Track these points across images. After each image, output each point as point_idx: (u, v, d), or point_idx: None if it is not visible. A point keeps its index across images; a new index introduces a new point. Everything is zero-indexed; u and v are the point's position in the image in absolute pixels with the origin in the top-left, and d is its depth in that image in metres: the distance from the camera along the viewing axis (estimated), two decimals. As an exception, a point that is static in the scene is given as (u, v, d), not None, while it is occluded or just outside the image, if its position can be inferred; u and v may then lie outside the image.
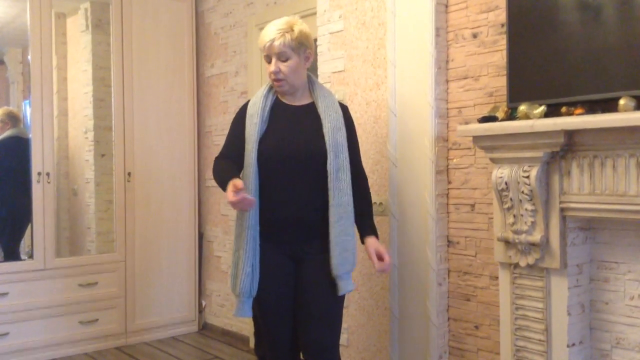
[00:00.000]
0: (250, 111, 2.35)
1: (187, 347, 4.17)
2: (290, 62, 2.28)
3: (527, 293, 2.28)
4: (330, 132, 2.29)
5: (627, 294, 2.15)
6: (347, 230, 2.29)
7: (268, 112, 2.33)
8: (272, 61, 2.28)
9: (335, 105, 2.38)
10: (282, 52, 2.25)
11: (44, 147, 3.89)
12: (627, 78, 1.98)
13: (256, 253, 2.28)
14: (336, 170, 2.28)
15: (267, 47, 2.27)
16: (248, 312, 2.32)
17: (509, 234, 2.28)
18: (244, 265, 2.26)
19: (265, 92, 2.38)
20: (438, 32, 2.66)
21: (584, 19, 2.10)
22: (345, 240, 2.28)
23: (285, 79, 2.29)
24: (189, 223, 4.51)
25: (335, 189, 2.27)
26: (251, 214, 2.27)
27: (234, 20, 4.28)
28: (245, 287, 2.27)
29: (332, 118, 2.32)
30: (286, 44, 2.24)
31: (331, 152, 2.28)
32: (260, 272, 2.29)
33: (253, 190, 2.27)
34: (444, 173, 2.69)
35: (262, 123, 2.30)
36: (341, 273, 2.28)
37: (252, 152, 2.28)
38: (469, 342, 2.66)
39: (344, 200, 2.28)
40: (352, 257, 2.31)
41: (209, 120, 4.54)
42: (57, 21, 4.26)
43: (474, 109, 2.59)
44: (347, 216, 2.29)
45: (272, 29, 2.27)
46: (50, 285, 3.92)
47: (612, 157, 2.02)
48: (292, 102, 2.39)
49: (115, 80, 4.19)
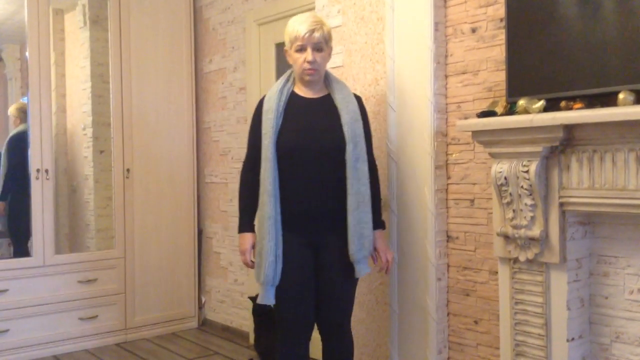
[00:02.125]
0: (265, 107, 2.44)
1: (186, 343, 4.18)
2: (324, 53, 2.43)
3: (527, 288, 2.28)
4: (349, 123, 2.41)
5: (627, 288, 2.15)
6: (365, 217, 2.41)
7: (283, 106, 2.43)
8: (307, 51, 2.38)
9: (352, 96, 2.49)
10: (319, 43, 2.39)
11: (42, 143, 3.88)
12: (626, 72, 1.98)
13: (278, 243, 2.39)
14: (355, 160, 2.39)
15: (305, 37, 2.37)
16: (272, 300, 2.43)
17: (508, 229, 2.28)
18: (267, 255, 2.38)
19: (280, 87, 2.47)
20: (437, 27, 2.65)
21: (583, 13, 2.09)
22: (363, 227, 2.40)
23: (318, 69, 2.42)
24: (189, 219, 4.51)
25: (354, 178, 2.38)
26: (270, 205, 2.37)
27: (232, 15, 4.27)
28: (268, 275, 2.38)
29: (350, 109, 2.44)
30: (323, 36, 2.40)
31: (350, 142, 2.39)
32: (283, 261, 2.41)
33: (271, 184, 2.37)
34: (443, 168, 2.69)
35: (277, 117, 2.40)
36: (359, 257, 2.41)
37: (269, 147, 2.38)
38: (468, 337, 2.66)
39: (362, 189, 2.40)
40: (369, 243, 2.43)
41: (207, 116, 4.53)
42: (54, 17, 4.24)
43: (473, 104, 2.58)
44: (364, 204, 2.40)
45: (309, 21, 2.40)
46: (49, 282, 3.92)
47: (611, 151, 2.02)
48: (309, 95, 2.49)
49: (114, 77, 4.18)
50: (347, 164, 2.38)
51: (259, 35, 4.06)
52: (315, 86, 2.48)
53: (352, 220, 2.38)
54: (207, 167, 4.55)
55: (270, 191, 2.37)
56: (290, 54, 2.46)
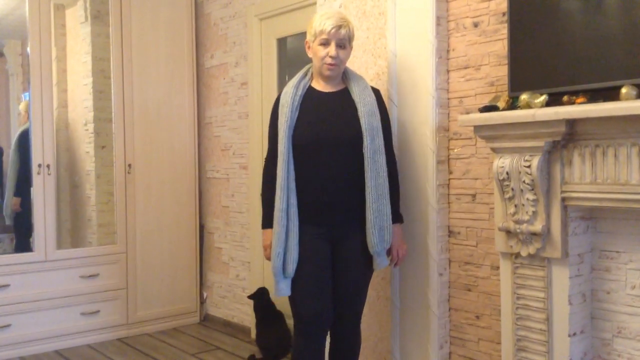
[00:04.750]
0: (282, 101, 2.48)
1: (188, 338, 4.18)
2: (347, 51, 2.47)
3: (528, 283, 2.28)
4: (366, 115, 2.42)
5: (629, 283, 2.15)
6: (384, 209, 2.43)
7: (299, 100, 2.46)
8: (331, 45, 2.41)
9: (369, 89, 2.51)
10: (343, 40, 2.43)
11: (44, 139, 3.89)
12: (629, 67, 1.97)
13: (291, 235, 2.39)
14: (373, 153, 2.41)
15: (332, 32, 2.40)
16: (283, 292, 2.43)
17: (510, 224, 2.28)
18: (275, 247, 2.40)
19: (296, 82, 2.50)
20: (439, 21, 2.64)
21: (585, 8, 2.08)
22: (383, 219, 2.42)
23: (339, 65, 2.45)
24: (190, 214, 4.51)
25: (372, 171, 2.40)
26: (281, 197, 2.39)
27: (233, 10, 4.26)
28: (276, 267, 2.40)
29: (367, 102, 2.45)
30: (348, 34, 2.44)
31: (367, 135, 2.40)
32: (299, 253, 2.41)
33: (283, 177, 2.38)
34: (445, 163, 2.69)
35: (292, 112, 2.43)
36: (379, 250, 2.44)
37: (284, 140, 2.40)
38: (470, 332, 2.66)
39: (380, 182, 2.41)
40: (389, 235, 2.46)
41: (209, 112, 4.53)
42: (56, 13, 4.24)
43: (475, 99, 2.58)
44: (383, 196, 2.42)
45: (336, 17, 2.43)
46: (51, 277, 3.92)
47: (613, 146, 2.02)
48: (326, 89, 2.52)
49: (115, 72, 4.17)
50: (364, 157, 2.40)
51: (260, 30, 4.05)
52: (333, 81, 2.51)
53: (372, 213, 2.39)
54: (209, 162, 4.55)
55: (282, 184, 2.39)
56: (312, 46, 2.48)
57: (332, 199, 2.42)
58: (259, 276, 4.09)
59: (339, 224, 2.46)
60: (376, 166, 2.40)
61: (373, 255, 2.45)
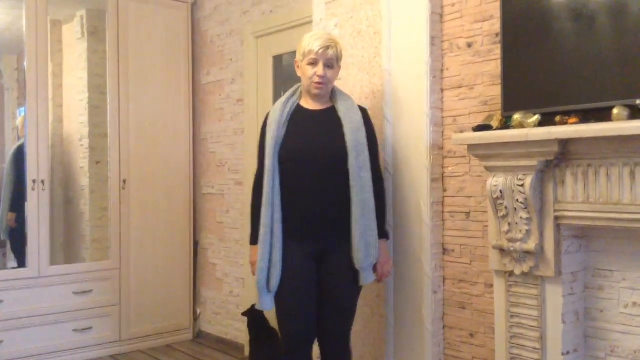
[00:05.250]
0: (270, 119, 2.53)
1: (181, 355, 4.16)
2: (334, 71, 2.53)
3: (522, 301, 2.29)
4: (351, 132, 2.45)
5: (622, 301, 2.16)
6: (371, 225, 2.44)
7: (287, 117, 2.51)
8: (319, 65, 2.47)
9: (355, 107, 2.54)
10: (331, 60, 2.49)
11: (39, 154, 3.88)
12: (621, 87, 2.00)
13: (274, 250, 2.43)
14: (358, 169, 2.42)
15: (320, 52, 2.46)
16: (266, 306, 2.48)
17: (503, 242, 2.29)
18: (259, 262, 2.44)
19: (285, 100, 2.56)
20: (433, 41, 2.67)
21: (577, 29, 2.12)
22: (369, 235, 2.43)
23: (326, 84, 2.50)
24: (185, 230, 4.50)
25: (358, 186, 2.42)
26: (266, 214, 2.42)
27: (230, 28, 4.29)
28: (259, 282, 2.45)
29: (353, 119, 2.48)
30: (336, 54, 2.50)
31: (352, 151, 2.43)
32: (283, 269, 2.44)
33: (268, 193, 2.42)
34: (439, 181, 2.70)
35: (279, 129, 2.48)
36: (365, 265, 2.44)
37: (270, 157, 2.45)
38: (464, 350, 2.66)
39: (366, 197, 2.43)
40: (375, 251, 2.46)
41: (204, 128, 4.54)
42: (52, 28, 4.25)
43: (469, 118, 2.60)
44: (369, 212, 2.43)
45: (324, 38, 2.49)
46: (44, 293, 3.90)
47: (605, 165, 2.04)
48: (313, 107, 2.56)
49: (111, 88, 4.18)
50: (350, 173, 2.41)
51: (257, 48, 4.08)
52: (321, 99, 2.56)
53: (358, 229, 2.41)
54: (204, 178, 4.56)
55: (268, 200, 2.42)
56: (301, 66, 2.53)
57: (318, 215, 2.45)
58: (253, 293, 4.04)
59: (324, 240, 2.47)
60: (362, 182, 2.42)
61: (359, 271, 2.45)
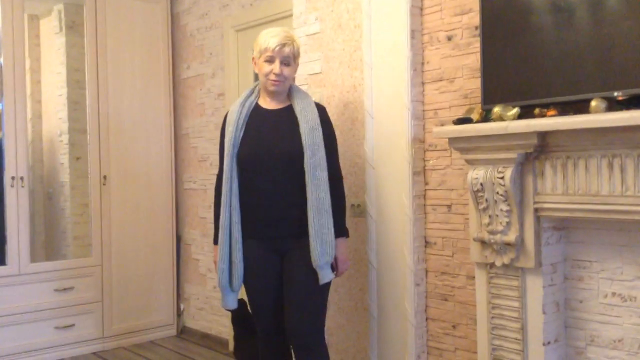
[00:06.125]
0: (228, 120, 2.55)
1: (165, 352, 4.14)
2: (291, 68, 2.52)
3: (503, 292, 2.31)
4: (307, 131, 2.44)
5: (601, 292, 2.19)
6: (326, 223, 2.43)
7: (244, 118, 2.52)
8: (275, 63, 2.46)
9: (312, 106, 2.53)
10: (287, 57, 2.48)
11: (17, 150, 3.83)
12: (598, 80, 2.01)
13: (233, 251, 2.47)
14: (313, 168, 2.42)
15: (276, 50, 2.45)
16: (229, 305, 2.55)
17: (484, 234, 2.31)
18: (219, 262, 2.50)
19: (242, 100, 2.57)
20: (413, 35, 2.68)
21: (556, 22, 2.13)
22: (325, 233, 2.43)
23: (283, 81, 2.50)
24: (167, 226, 4.47)
25: (313, 185, 2.42)
26: (224, 214, 2.46)
27: (210, 22, 4.26)
28: (221, 282, 2.50)
29: (309, 118, 2.48)
30: (293, 52, 2.49)
31: (308, 150, 2.42)
32: (245, 268, 2.49)
33: (226, 194, 2.46)
34: (420, 174, 2.71)
35: (237, 130, 2.49)
36: (322, 263, 2.42)
37: (228, 158, 2.47)
38: (446, 341, 2.68)
39: (321, 196, 2.43)
40: (331, 249, 2.45)
41: (185, 122, 4.51)
42: (30, 23, 4.20)
43: (449, 111, 2.61)
44: (325, 210, 2.43)
45: (281, 35, 2.48)
46: (25, 290, 3.86)
47: (584, 157, 2.06)
48: (271, 106, 2.56)
49: (90, 83, 4.14)
50: (305, 172, 2.42)
51: (237, 42, 4.05)
52: (278, 97, 2.56)
53: (314, 227, 2.41)
54: (186, 173, 4.53)
55: (226, 201, 2.46)
56: (258, 62, 2.53)
57: (275, 214, 2.46)
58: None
59: (283, 239, 2.49)
60: (317, 181, 2.42)
61: (316, 269, 2.42)
